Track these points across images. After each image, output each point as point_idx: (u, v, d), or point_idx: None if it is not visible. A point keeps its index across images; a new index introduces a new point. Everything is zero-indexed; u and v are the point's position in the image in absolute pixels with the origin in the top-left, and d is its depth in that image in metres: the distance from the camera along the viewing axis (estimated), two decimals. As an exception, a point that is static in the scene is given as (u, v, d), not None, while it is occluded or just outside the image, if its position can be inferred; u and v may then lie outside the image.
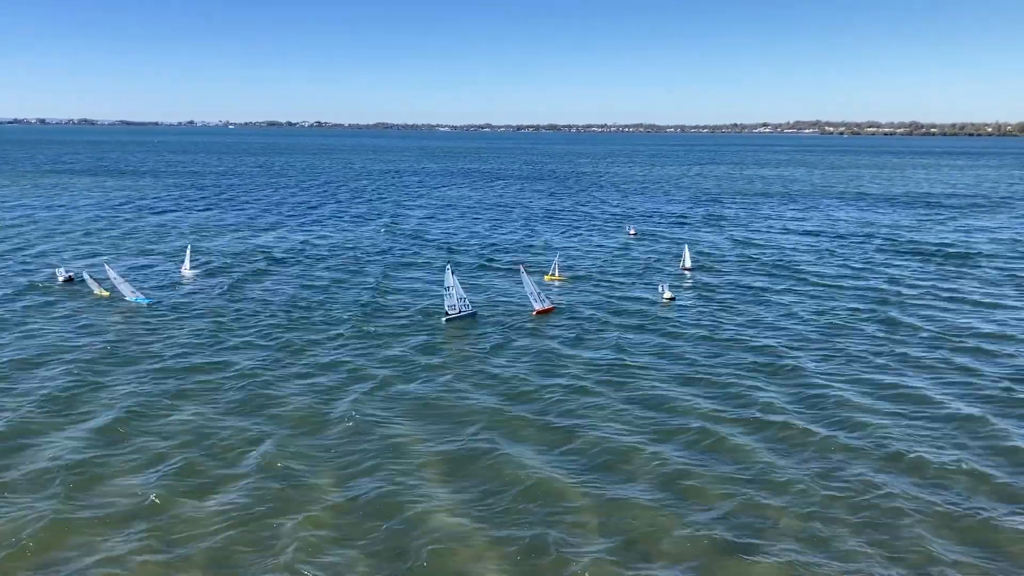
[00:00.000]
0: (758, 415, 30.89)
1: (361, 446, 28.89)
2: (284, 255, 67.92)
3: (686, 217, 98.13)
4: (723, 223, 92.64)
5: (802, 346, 40.71)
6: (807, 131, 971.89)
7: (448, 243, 75.38)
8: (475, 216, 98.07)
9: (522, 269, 47.46)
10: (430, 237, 79.42)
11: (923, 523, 24.52)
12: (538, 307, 46.13)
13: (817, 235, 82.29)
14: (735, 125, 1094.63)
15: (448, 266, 45.04)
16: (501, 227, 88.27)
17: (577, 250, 72.23)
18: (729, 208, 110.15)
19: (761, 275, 59.66)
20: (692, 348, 40.29)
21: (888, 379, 35.44)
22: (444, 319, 43.66)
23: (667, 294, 49.46)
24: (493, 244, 74.60)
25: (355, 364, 37.47)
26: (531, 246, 73.86)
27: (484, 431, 29.76)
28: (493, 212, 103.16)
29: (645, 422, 31.01)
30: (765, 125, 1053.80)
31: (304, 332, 42.59)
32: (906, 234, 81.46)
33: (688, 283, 55.80)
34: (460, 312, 44.16)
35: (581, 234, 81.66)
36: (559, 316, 46.09)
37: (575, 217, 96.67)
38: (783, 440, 28.91)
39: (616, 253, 69.36)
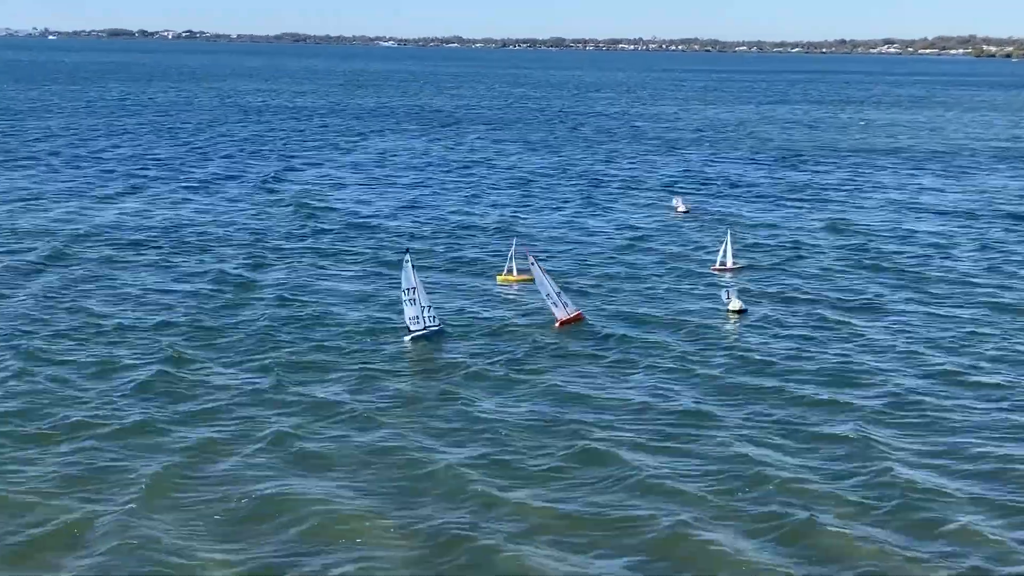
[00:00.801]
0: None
1: (273, 532, 28.78)
2: (146, 237, 69.85)
3: (759, 186, 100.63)
4: (815, 196, 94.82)
5: (945, 393, 41.00)
6: (954, 51, 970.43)
7: (392, 224, 76.89)
8: (434, 182, 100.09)
9: (533, 260, 48.91)
10: (365, 215, 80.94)
11: None
12: (561, 316, 48.45)
13: (965, 218, 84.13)
14: (842, 42, 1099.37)
15: (407, 258, 45.53)
16: (477, 199, 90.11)
17: (596, 234, 74.17)
18: (825, 172, 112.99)
19: (871, 278, 61.25)
20: (779, 389, 40.89)
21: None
22: (407, 336, 44.80)
23: (734, 304, 51.12)
24: (464, 226, 76.68)
25: (265, 409, 38.16)
26: (521, 230, 75.29)
27: (470, 520, 29.50)
28: (462, 176, 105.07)
29: (738, 518, 30.01)
30: (889, 43, 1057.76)
31: (180, 364, 43.13)
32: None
33: (754, 285, 57.88)
34: (427, 327, 45.32)
35: (601, 210, 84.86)
36: (582, 333, 47.98)
37: (591, 185, 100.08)
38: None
39: (658, 241, 71.88)
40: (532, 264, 48.98)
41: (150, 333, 47.43)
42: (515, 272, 57.47)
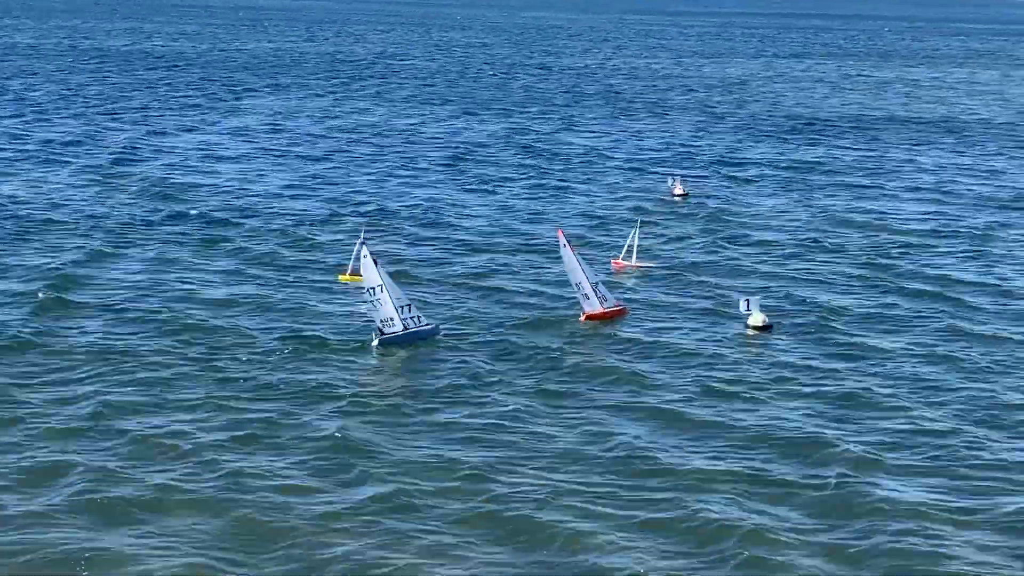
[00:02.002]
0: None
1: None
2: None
3: (770, 164, 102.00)
4: (832, 179, 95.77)
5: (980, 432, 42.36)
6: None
7: (275, 208, 76.80)
8: (340, 155, 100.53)
9: (565, 243, 52.06)
10: (242, 196, 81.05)
11: None
12: (591, 309, 51.82)
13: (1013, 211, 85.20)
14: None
15: (365, 252, 47.96)
16: (392, 177, 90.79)
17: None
18: (847, 148, 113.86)
19: (890, 287, 62.09)
20: (822, 420, 42.51)
21: None
22: (375, 340, 47.39)
23: (756, 317, 52.60)
24: (373, 211, 77.20)
25: (80, 450, 38.05)
26: (450, 218, 75.71)
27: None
28: (377, 147, 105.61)
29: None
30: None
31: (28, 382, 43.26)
32: None
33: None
34: (406, 329, 47.63)
35: (576, 191, 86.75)
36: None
37: (559, 158, 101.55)
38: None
39: (653, 230, 72.55)
40: (564, 247, 51.61)
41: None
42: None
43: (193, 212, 74.53)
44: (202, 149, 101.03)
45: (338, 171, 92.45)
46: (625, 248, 63.80)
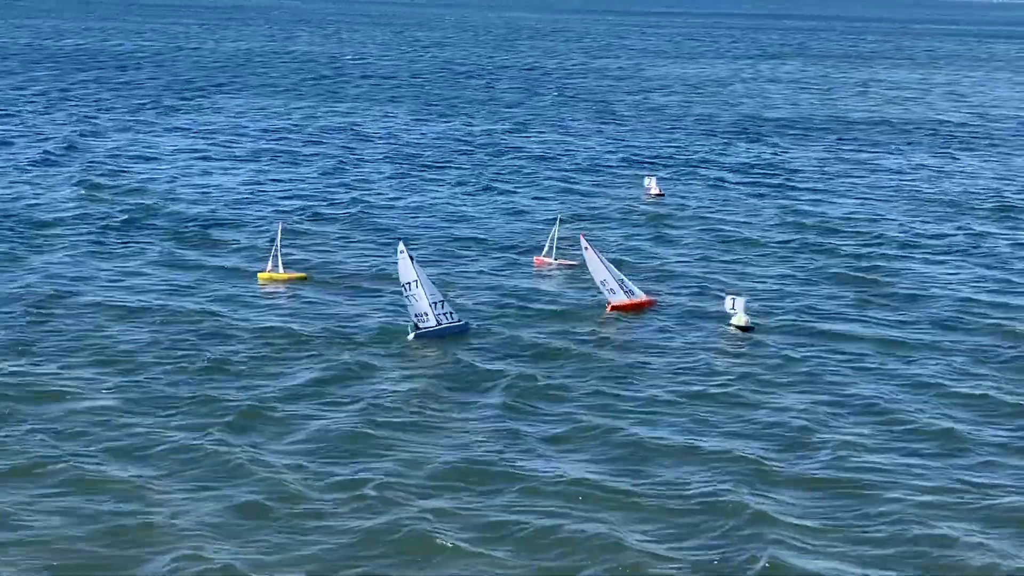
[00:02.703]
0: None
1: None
2: None
3: (747, 164, 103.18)
4: (812, 179, 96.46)
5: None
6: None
7: (196, 211, 76.96)
8: (284, 154, 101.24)
9: (586, 245, 56.03)
10: (173, 198, 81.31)
11: None
12: (615, 300, 55.75)
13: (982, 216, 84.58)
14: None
15: (401, 248, 50.99)
16: (333, 175, 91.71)
17: (545, 220, 74.16)
18: (824, 148, 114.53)
19: (862, 293, 61.86)
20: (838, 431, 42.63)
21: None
22: (411, 334, 50.52)
23: (741, 317, 53.99)
24: (310, 213, 77.65)
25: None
26: (388, 220, 76.20)
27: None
28: (322, 147, 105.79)
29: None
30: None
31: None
32: None
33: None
34: (439, 324, 50.75)
35: (550, 192, 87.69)
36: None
37: (536, 157, 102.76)
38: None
39: (631, 231, 74.41)
40: (585, 248, 55.64)
41: None
42: (281, 269, 59.93)
43: (113, 212, 74.21)
44: (138, 149, 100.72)
45: (277, 170, 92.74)
46: (547, 246, 64.88)
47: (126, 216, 73.30)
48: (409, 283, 50.18)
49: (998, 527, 34.57)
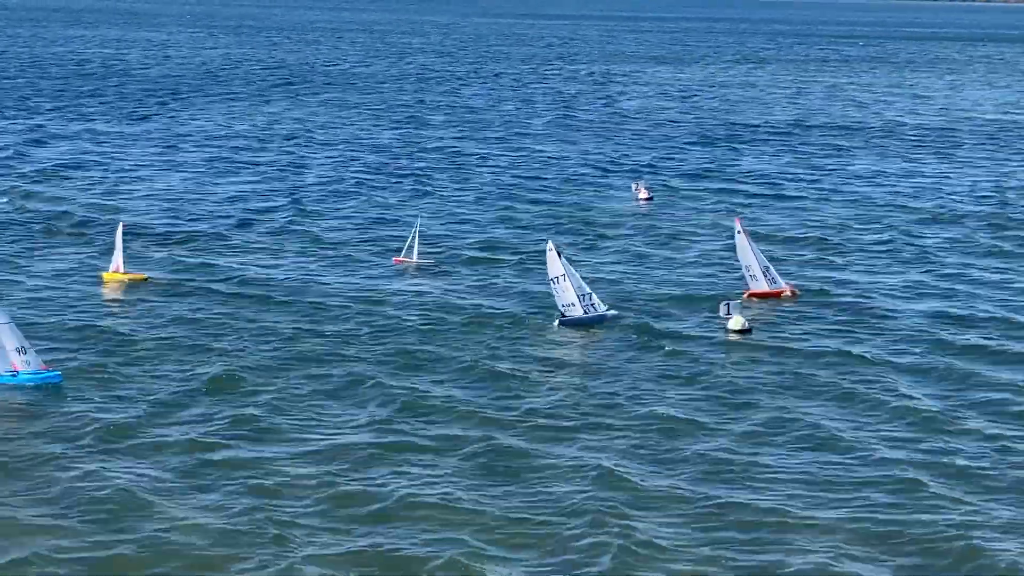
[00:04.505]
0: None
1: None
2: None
3: (736, 169, 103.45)
4: (801, 183, 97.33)
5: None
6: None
7: (109, 217, 75.28)
8: (221, 162, 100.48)
9: (740, 228, 58.84)
10: (91, 204, 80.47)
11: None
12: (754, 288, 58.39)
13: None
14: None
15: (550, 246, 54.97)
16: (262, 183, 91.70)
17: (536, 223, 76.32)
18: (810, 152, 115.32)
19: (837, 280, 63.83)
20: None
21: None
22: (556, 322, 54.57)
23: (737, 321, 54.10)
24: (236, 220, 77.51)
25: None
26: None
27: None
28: (259, 155, 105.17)
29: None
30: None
31: None
32: None
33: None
34: (585, 313, 54.47)
35: (537, 194, 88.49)
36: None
37: (516, 164, 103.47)
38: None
39: (620, 234, 74.49)
40: (738, 232, 58.57)
41: None
42: (122, 268, 60.42)
43: (26, 220, 74.17)
44: (71, 158, 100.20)
45: (207, 178, 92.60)
46: (407, 245, 65.87)
47: (36, 224, 73.56)
48: (556, 277, 54.17)
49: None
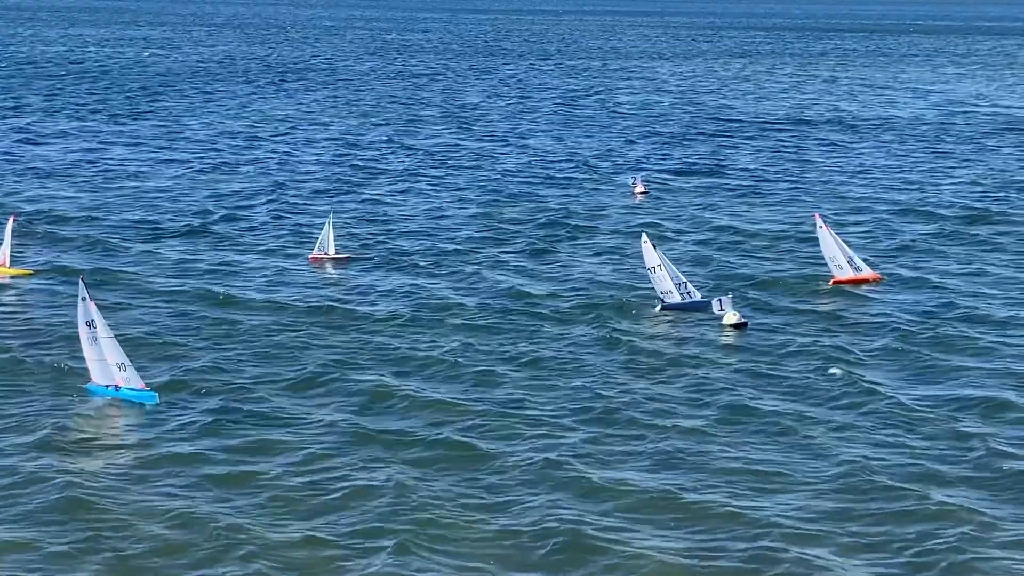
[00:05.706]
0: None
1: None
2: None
3: (731, 163, 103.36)
4: (797, 177, 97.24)
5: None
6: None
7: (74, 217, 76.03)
8: (204, 159, 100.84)
9: (821, 223, 61.95)
10: (68, 206, 79.84)
11: None
12: (839, 275, 61.27)
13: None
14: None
15: (644, 237, 58.00)
16: (234, 176, 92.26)
17: (531, 219, 76.35)
18: (807, 147, 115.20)
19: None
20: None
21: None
22: (657, 307, 57.42)
23: (731, 315, 54.75)
24: (208, 216, 77.70)
25: None
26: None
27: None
28: (243, 151, 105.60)
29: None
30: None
31: None
32: None
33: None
34: (682, 299, 57.27)
35: (533, 188, 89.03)
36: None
37: (511, 158, 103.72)
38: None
39: (617, 228, 74.67)
40: (820, 227, 61.60)
41: None
42: (8, 263, 60.19)
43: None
44: (43, 161, 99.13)
45: (182, 177, 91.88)
46: (319, 241, 65.81)
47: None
48: (653, 267, 57.56)
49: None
